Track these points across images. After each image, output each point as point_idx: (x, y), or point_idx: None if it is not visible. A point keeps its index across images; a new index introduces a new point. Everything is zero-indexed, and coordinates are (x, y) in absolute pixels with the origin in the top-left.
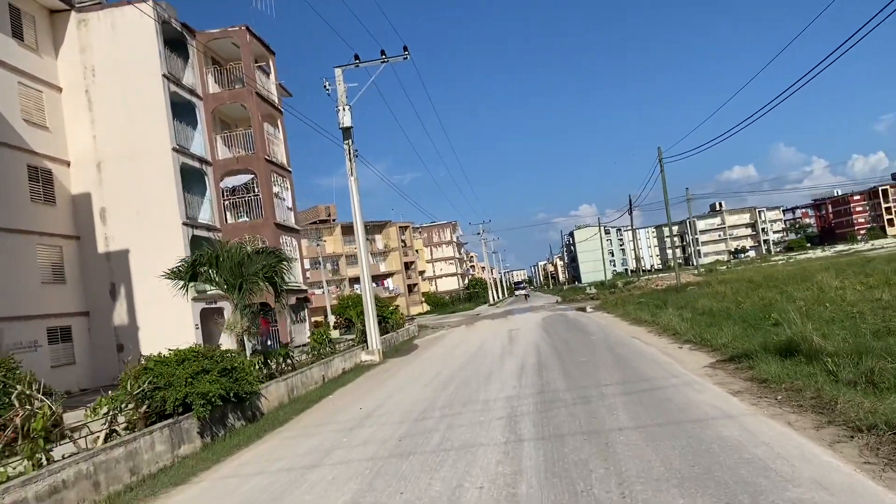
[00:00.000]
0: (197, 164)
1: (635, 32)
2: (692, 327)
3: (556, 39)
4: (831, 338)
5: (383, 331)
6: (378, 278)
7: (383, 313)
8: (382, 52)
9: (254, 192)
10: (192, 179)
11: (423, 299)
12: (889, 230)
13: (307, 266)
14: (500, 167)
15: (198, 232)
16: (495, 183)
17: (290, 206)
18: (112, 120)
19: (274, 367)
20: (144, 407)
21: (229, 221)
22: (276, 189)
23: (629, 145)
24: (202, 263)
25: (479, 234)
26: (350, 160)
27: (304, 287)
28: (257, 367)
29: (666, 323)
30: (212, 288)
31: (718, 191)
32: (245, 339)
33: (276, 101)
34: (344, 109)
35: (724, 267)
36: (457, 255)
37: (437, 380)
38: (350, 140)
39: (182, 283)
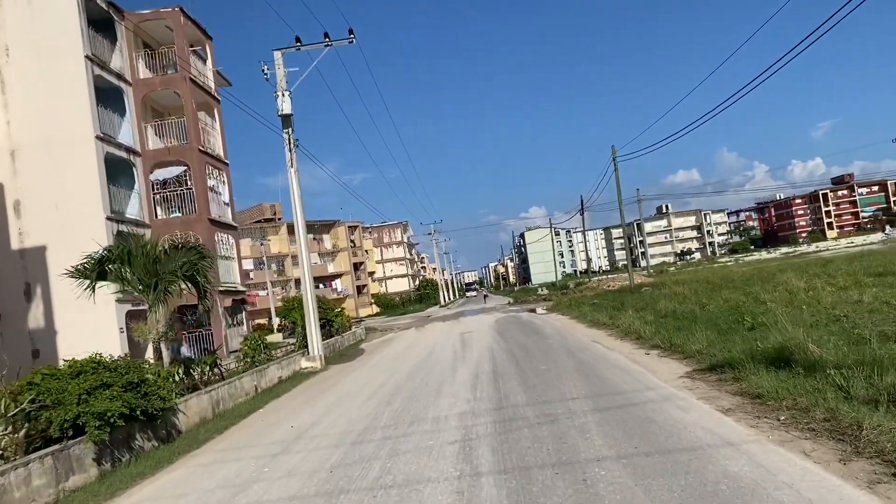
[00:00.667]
0: (124, 154)
1: (591, 32)
2: (658, 331)
3: (508, 48)
4: (822, 345)
5: (327, 335)
6: (326, 279)
7: (327, 316)
8: (326, 35)
9: (186, 185)
10: (118, 171)
11: (373, 301)
12: (829, 233)
13: (250, 266)
14: (452, 169)
15: (124, 227)
16: (447, 184)
17: (227, 201)
18: (29, 104)
19: (198, 377)
20: (24, 431)
21: (160, 216)
22: (211, 182)
23: (580, 149)
24: (111, 260)
25: (430, 234)
26: (290, 150)
27: (242, 288)
28: (176, 377)
29: (627, 326)
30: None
31: (665, 193)
32: (162, 346)
33: (213, 88)
34: (283, 95)
35: (673, 268)
36: (408, 256)
37: (382, 391)
38: (290, 129)
39: (88, 282)
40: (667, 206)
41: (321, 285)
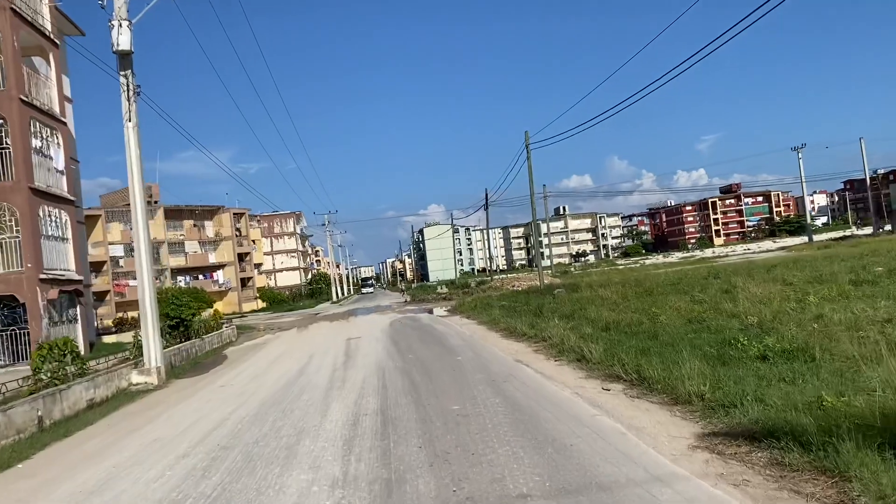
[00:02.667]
0: None
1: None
2: (610, 353)
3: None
4: None
5: (182, 337)
6: (207, 270)
7: (180, 314)
8: None
9: (3, 143)
10: None
11: (258, 295)
12: (716, 240)
13: (120, 253)
14: (350, 162)
15: None
16: (344, 178)
17: (62, 168)
18: None
19: None
20: None
21: None
22: (37, 143)
23: (482, 149)
24: None
25: (323, 224)
26: (128, 99)
27: (79, 277)
28: None
29: (558, 340)
30: None
31: (567, 192)
32: None
33: (50, 30)
34: (121, 25)
35: (574, 269)
36: (300, 248)
37: (210, 441)
38: (129, 71)
39: None
40: (564, 208)
41: (201, 276)
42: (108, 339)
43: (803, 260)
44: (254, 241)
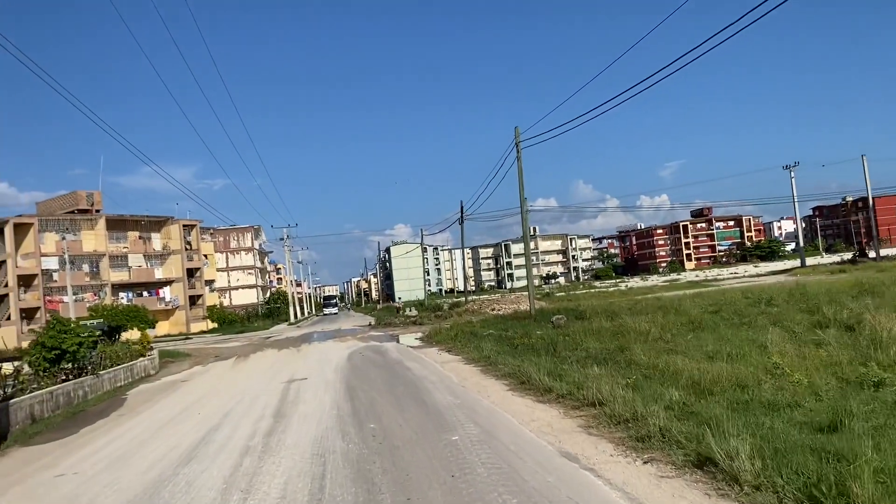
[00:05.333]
0: None
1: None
2: (778, 464)
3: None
4: None
5: (73, 373)
6: (152, 286)
7: (61, 343)
8: None
9: None
10: None
11: (207, 315)
12: (688, 264)
13: (55, 266)
14: (315, 180)
15: None
16: (308, 195)
17: None
18: None
19: None
20: None
21: None
22: None
23: (447, 165)
24: None
25: (282, 239)
26: None
27: None
28: None
29: (631, 414)
30: None
31: (554, 207)
32: None
33: None
34: None
35: (552, 291)
36: (258, 265)
37: None
38: None
39: None
40: (535, 229)
41: (146, 293)
42: None
43: (841, 284)
44: (206, 255)
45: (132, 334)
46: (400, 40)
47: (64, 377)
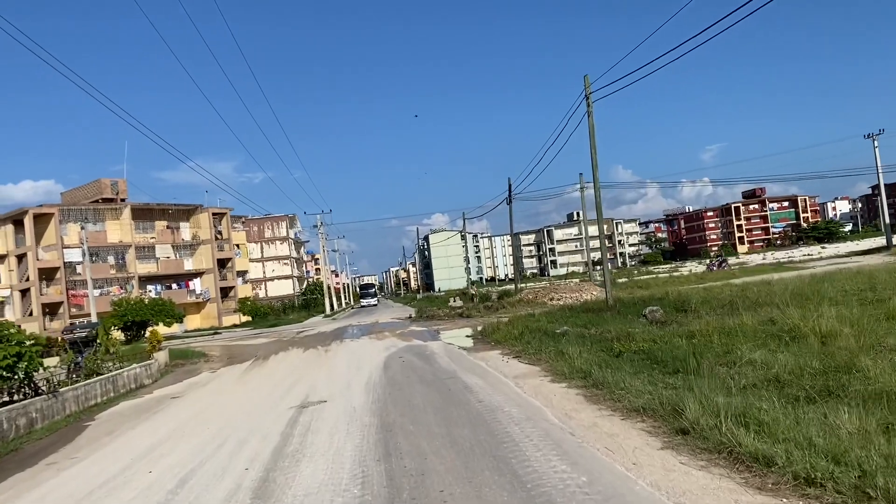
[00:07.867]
0: None
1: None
2: None
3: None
4: None
5: (23, 394)
6: (181, 278)
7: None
8: None
9: None
10: None
11: (238, 308)
12: (740, 248)
13: (78, 258)
14: (354, 170)
15: None
16: (348, 188)
17: None
18: None
19: None
20: None
21: None
22: None
23: (483, 157)
24: None
25: (315, 226)
26: None
27: None
28: None
29: None
30: None
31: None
32: None
33: None
34: None
35: (624, 278)
36: (294, 255)
37: None
38: None
39: None
40: (578, 213)
41: (175, 285)
42: None
43: None
44: (238, 245)
45: (160, 329)
46: (429, 28)
47: (28, 394)
